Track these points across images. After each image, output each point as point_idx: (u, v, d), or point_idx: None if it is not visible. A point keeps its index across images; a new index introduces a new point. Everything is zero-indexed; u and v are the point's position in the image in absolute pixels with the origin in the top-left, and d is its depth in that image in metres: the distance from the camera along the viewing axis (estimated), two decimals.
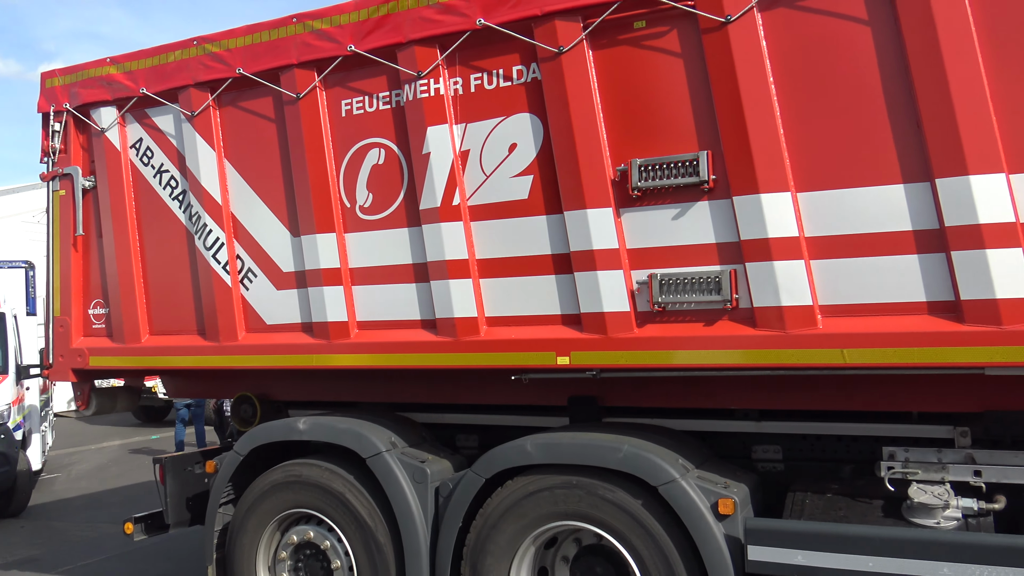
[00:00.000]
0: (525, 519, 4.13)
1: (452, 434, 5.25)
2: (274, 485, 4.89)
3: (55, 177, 5.76)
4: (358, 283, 4.72)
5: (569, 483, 4.03)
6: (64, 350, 5.76)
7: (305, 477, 4.79)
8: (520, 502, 4.12)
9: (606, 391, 4.59)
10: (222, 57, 5.01)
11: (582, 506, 4.00)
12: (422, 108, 4.42)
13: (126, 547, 8.10)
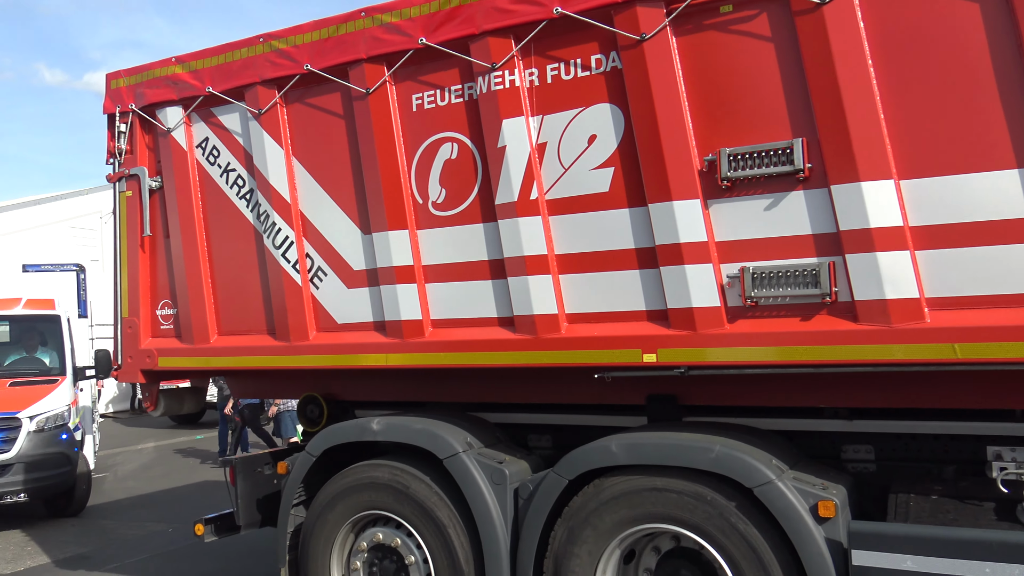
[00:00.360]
0: (611, 522, 4.00)
1: (523, 434, 5.14)
2: (348, 487, 4.82)
3: (122, 178, 5.76)
4: (432, 280, 4.63)
5: (656, 485, 3.90)
6: (133, 351, 5.76)
7: (379, 479, 4.72)
8: (607, 504, 4.00)
9: (686, 389, 4.45)
10: (289, 54, 4.95)
11: (671, 509, 3.87)
12: (497, 101, 4.31)
13: (171, 546, 8.30)
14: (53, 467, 9.27)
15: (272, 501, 5.51)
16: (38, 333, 10.72)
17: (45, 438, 9.25)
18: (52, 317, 10.58)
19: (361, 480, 4.78)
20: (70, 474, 9.50)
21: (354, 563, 4.88)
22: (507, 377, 4.79)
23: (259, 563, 7.39)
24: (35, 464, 9.08)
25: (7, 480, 8.94)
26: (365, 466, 4.84)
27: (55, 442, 9.36)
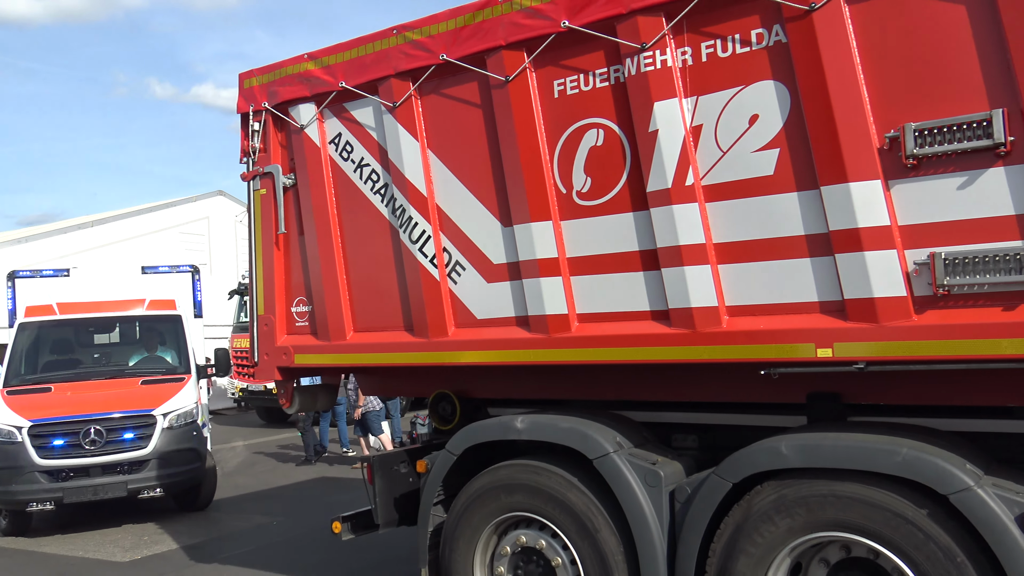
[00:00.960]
0: (784, 529, 3.73)
1: (666, 434, 4.90)
2: (491, 487, 4.69)
3: (256, 176, 5.79)
4: (578, 273, 4.44)
5: (836, 491, 3.61)
6: (269, 348, 5.79)
7: (525, 479, 4.57)
8: (778, 510, 3.73)
9: (854, 387, 4.13)
10: (424, 44, 4.85)
11: (852, 516, 3.57)
12: (647, 82, 4.09)
13: (276, 538, 8.52)
14: (185, 463, 9.53)
15: (409, 499, 5.45)
16: (159, 333, 11.06)
17: (177, 435, 9.51)
18: (174, 317, 10.88)
19: (505, 481, 4.64)
20: (200, 470, 9.78)
21: (498, 567, 4.75)
22: (654, 374, 4.57)
23: (359, 555, 7.46)
24: (169, 460, 9.35)
25: (144, 475, 9.23)
26: (509, 466, 4.70)
27: (187, 438, 9.62)
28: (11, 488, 8.96)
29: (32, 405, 9.39)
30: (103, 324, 10.98)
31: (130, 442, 9.27)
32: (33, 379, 10.07)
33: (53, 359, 10.61)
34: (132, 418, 9.34)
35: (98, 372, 10.46)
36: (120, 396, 9.67)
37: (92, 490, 9.05)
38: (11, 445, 9.04)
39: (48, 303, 10.51)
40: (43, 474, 8.98)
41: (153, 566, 7.84)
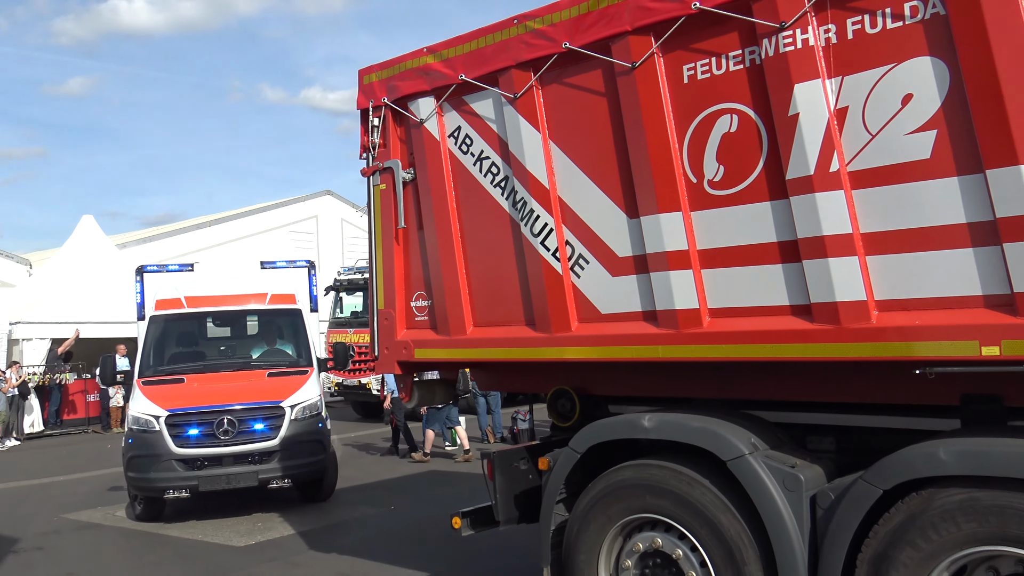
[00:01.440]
0: (945, 541, 3.45)
1: (800, 435, 4.64)
2: (617, 487, 4.55)
3: (375, 172, 5.83)
4: (709, 266, 4.25)
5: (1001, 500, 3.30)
6: (389, 342, 5.82)
7: (653, 479, 4.40)
8: (938, 520, 3.45)
9: (1014, 389, 3.78)
10: (546, 33, 4.74)
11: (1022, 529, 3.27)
12: (787, 63, 3.85)
13: (382, 527, 8.71)
14: (311, 454, 9.64)
15: (529, 497, 5.37)
16: (280, 326, 11.25)
17: (304, 426, 9.63)
18: (295, 311, 11.05)
19: (632, 481, 4.49)
20: (324, 461, 9.90)
21: (624, 568, 4.61)
22: (791, 372, 4.33)
23: (456, 548, 7.46)
24: (296, 451, 9.48)
25: (273, 466, 9.39)
26: (636, 466, 4.55)
27: (313, 430, 9.72)
28: (149, 475, 9.24)
29: (167, 395, 9.64)
30: (228, 317, 11.22)
31: (260, 433, 9.46)
32: (166, 370, 10.33)
33: (182, 351, 10.90)
34: (262, 409, 9.53)
35: (226, 364, 10.67)
36: (250, 388, 9.85)
37: (226, 479, 9.27)
38: (149, 434, 9.31)
39: (176, 297, 10.77)
40: (179, 462, 9.24)
41: (267, 551, 8.08)
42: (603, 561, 4.68)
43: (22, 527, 9.59)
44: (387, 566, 7.36)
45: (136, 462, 9.39)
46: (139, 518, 9.67)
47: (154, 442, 9.27)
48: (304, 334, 10.93)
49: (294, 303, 11.12)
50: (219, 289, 11.13)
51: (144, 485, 9.37)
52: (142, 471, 9.30)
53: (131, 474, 9.48)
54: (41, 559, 8.22)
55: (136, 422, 9.54)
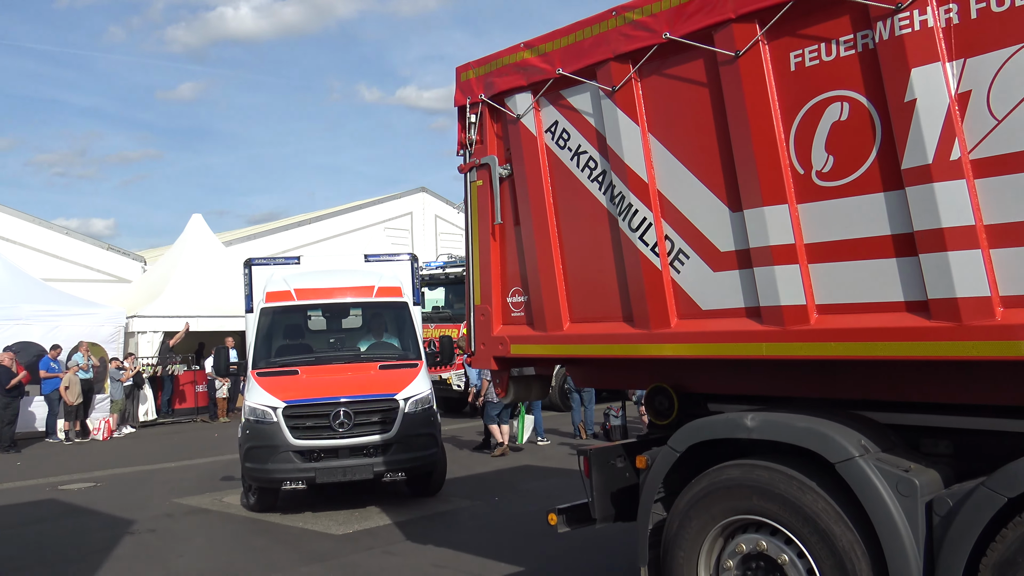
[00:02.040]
0: None
1: (913, 438, 4.42)
2: (722, 486, 4.43)
3: (472, 168, 5.86)
4: (817, 260, 4.09)
5: None
6: (486, 338, 5.84)
7: (761, 481, 4.27)
8: None
9: None
10: (645, 24, 4.66)
11: None
12: (903, 47, 3.66)
13: (479, 521, 8.81)
14: (424, 447, 9.62)
15: (626, 495, 5.30)
16: (386, 319, 11.15)
17: (417, 420, 9.61)
18: (401, 304, 10.94)
19: (736, 482, 4.37)
20: (436, 455, 9.85)
21: (724, 568, 4.49)
22: (904, 371, 4.12)
23: (551, 543, 7.39)
24: (410, 444, 9.47)
25: (388, 459, 9.36)
26: (738, 466, 4.43)
27: (426, 423, 9.70)
28: (267, 467, 9.27)
29: (283, 387, 9.63)
30: (337, 309, 11.16)
31: (376, 425, 9.45)
32: (279, 362, 10.33)
33: (293, 343, 10.90)
34: (378, 402, 9.51)
35: (337, 356, 10.62)
36: (363, 380, 9.84)
37: (342, 471, 9.25)
38: (267, 425, 9.35)
39: (286, 289, 10.70)
40: (296, 454, 9.25)
41: (363, 541, 8.27)
42: (703, 560, 4.57)
43: (138, 510, 10.10)
44: (481, 559, 7.42)
45: (253, 453, 9.44)
46: (252, 508, 9.81)
47: (271, 433, 9.31)
48: (411, 327, 10.88)
49: (400, 296, 10.99)
50: (326, 282, 11.03)
51: (261, 476, 9.41)
52: (259, 462, 9.34)
53: (248, 464, 9.52)
54: (154, 541, 8.64)
55: (253, 413, 9.55)
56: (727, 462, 4.50)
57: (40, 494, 11.41)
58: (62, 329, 17.69)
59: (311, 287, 10.84)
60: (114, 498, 10.92)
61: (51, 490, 11.68)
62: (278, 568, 7.50)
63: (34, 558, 8.02)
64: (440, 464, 10.09)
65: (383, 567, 7.39)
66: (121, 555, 8.09)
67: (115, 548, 8.32)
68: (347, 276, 11.20)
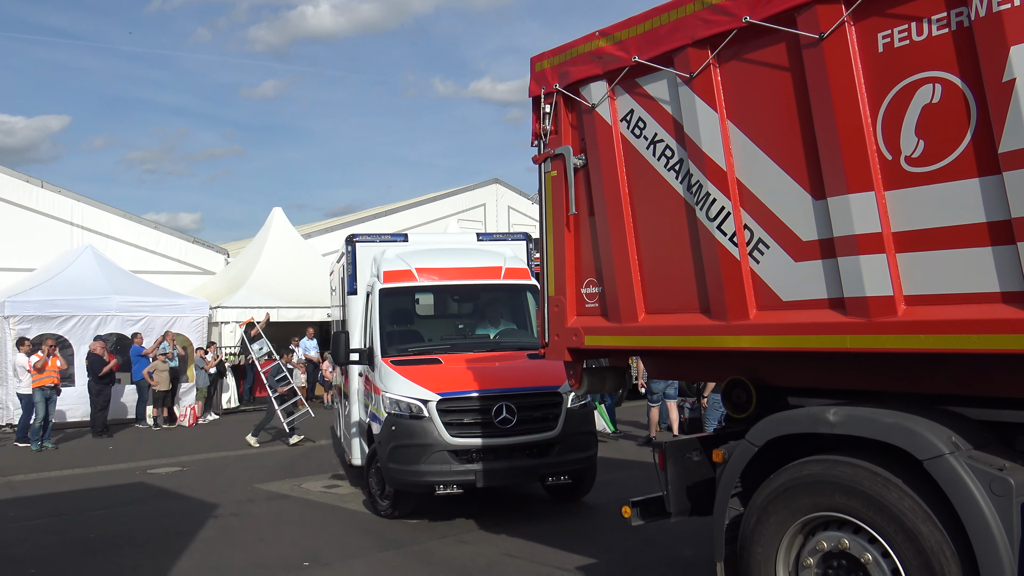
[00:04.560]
0: None
1: (1009, 435, 4.21)
2: (803, 482, 4.31)
3: (547, 159, 5.83)
4: (905, 249, 3.93)
5: None
6: (560, 329, 5.82)
7: (844, 477, 4.13)
8: None
9: None
10: (724, 8, 4.55)
11: None
12: (1001, 23, 3.48)
13: (551, 511, 8.59)
14: (587, 447, 8.61)
15: (702, 489, 5.21)
16: (515, 303, 9.99)
17: (579, 416, 8.57)
18: (531, 287, 9.69)
19: (820, 477, 4.24)
20: (596, 455, 8.83)
21: (804, 568, 4.37)
22: (1001, 365, 3.92)
23: (626, 535, 7.31)
24: (574, 443, 8.46)
25: (552, 460, 8.33)
26: (820, 462, 4.30)
27: (587, 420, 8.76)
28: (419, 468, 8.12)
29: (431, 377, 8.47)
30: (465, 292, 10.02)
31: (540, 422, 8.32)
32: (416, 349, 9.24)
33: (419, 328, 9.92)
34: (541, 395, 8.36)
35: (477, 344, 9.51)
36: (519, 371, 8.66)
37: (505, 473, 8.24)
38: (417, 420, 8.21)
39: (407, 268, 9.57)
40: (452, 454, 8.15)
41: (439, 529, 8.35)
42: (782, 556, 4.47)
43: (221, 494, 10.44)
44: (554, 550, 7.42)
45: (401, 453, 8.23)
46: (382, 514, 8.86)
47: (423, 430, 8.14)
48: (529, 314, 9.75)
49: (528, 278, 9.77)
50: (450, 261, 9.85)
51: (411, 479, 8.25)
52: (409, 463, 8.17)
53: (394, 466, 8.29)
54: (237, 525, 8.92)
55: (397, 407, 8.37)
56: (808, 457, 4.38)
57: (130, 477, 11.91)
58: (149, 320, 18.40)
59: (434, 267, 9.69)
60: (199, 482, 11.31)
61: (140, 474, 12.18)
62: (356, 554, 7.65)
63: (125, 539, 8.37)
64: (595, 466, 8.95)
65: (456, 555, 7.46)
66: (206, 537, 8.38)
67: (200, 531, 8.62)
68: (469, 256, 10.05)
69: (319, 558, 7.53)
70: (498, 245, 10.64)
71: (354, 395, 10.34)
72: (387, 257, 9.81)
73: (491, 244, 10.69)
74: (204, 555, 7.74)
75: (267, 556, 7.67)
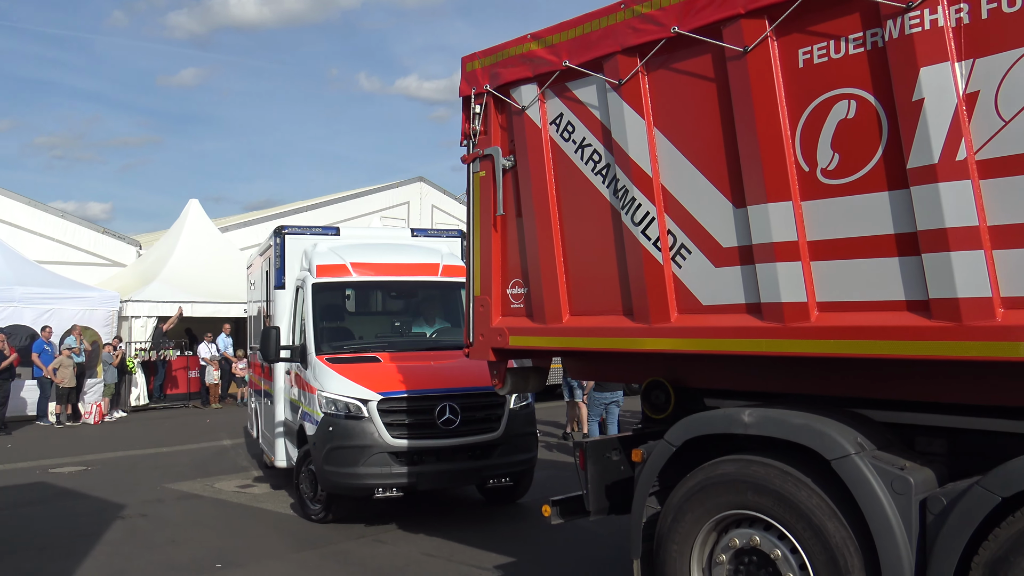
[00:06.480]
0: None
1: (909, 436, 4.43)
2: (717, 481, 4.45)
3: (476, 159, 5.85)
4: (819, 258, 4.10)
5: None
6: (484, 329, 5.85)
7: (756, 476, 4.28)
8: None
9: None
10: (654, 18, 4.66)
11: None
12: (912, 46, 3.67)
13: (473, 510, 8.52)
14: (528, 449, 8.51)
15: (621, 488, 5.32)
16: (452, 301, 9.75)
17: (522, 417, 8.50)
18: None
19: (734, 476, 4.38)
20: (536, 457, 8.73)
21: (717, 565, 4.51)
22: (902, 370, 4.13)
23: (523, 534, 7.38)
24: (516, 445, 8.34)
25: (494, 462, 8.19)
26: (734, 461, 4.44)
27: (529, 421, 8.64)
28: (357, 470, 7.89)
29: (370, 376, 8.24)
30: (402, 289, 9.78)
31: (483, 423, 8.20)
32: (352, 347, 8.97)
33: (353, 325, 9.60)
34: (485, 396, 8.14)
35: (415, 342, 9.38)
36: (460, 370, 8.32)
37: (448, 476, 8.13)
38: (355, 421, 7.98)
39: (341, 263, 9.28)
40: (393, 456, 7.92)
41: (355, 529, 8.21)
42: (696, 554, 4.59)
43: (129, 494, 10.08)
44: (473, 549, 7.43)
45: (338, 455, 7.97)
46: (314, 518, 8.57)
47: (363, 431, 7.91)
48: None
49: (465, 276, 9.54)
50: (387, 257, 9.63)
51: (349, 482, 7.99)
52: (346, 465, 7.92)
53: (330, 468, 8.02)
54: (145, 526, 8.62)
55: (334, 406, 8.11)
56: (723, 457, 4.52)
57: (30, 477, 11.38)
58: (56, 312, 17.63)
59: (371, 262, 9.47)
60: (104, 482, 10.90)
61: (41, 473, 11.66)
62: (271, 555, 7.50)
63: (23, 541, 8.00)
64: (534, 468, 8.88)
65: (374, 555, 7.40)
66: (113, 539, 8.08)
67: (106, 532, 8.31)
68: (406, 252, 9.87)
69: (233, 559, 7.35)
70: (434, 242, 10.50)
71: (279, 394, 10.06)
72: (320, 251, 9.52)
73: (427, 240, 10.52)
74: (110, 557, 7.47)
75: (177, 558, 7.45)
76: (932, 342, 3.69)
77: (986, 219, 3.54)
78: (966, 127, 3.56)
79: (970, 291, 3.56)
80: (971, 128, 3.56)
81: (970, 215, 3.55)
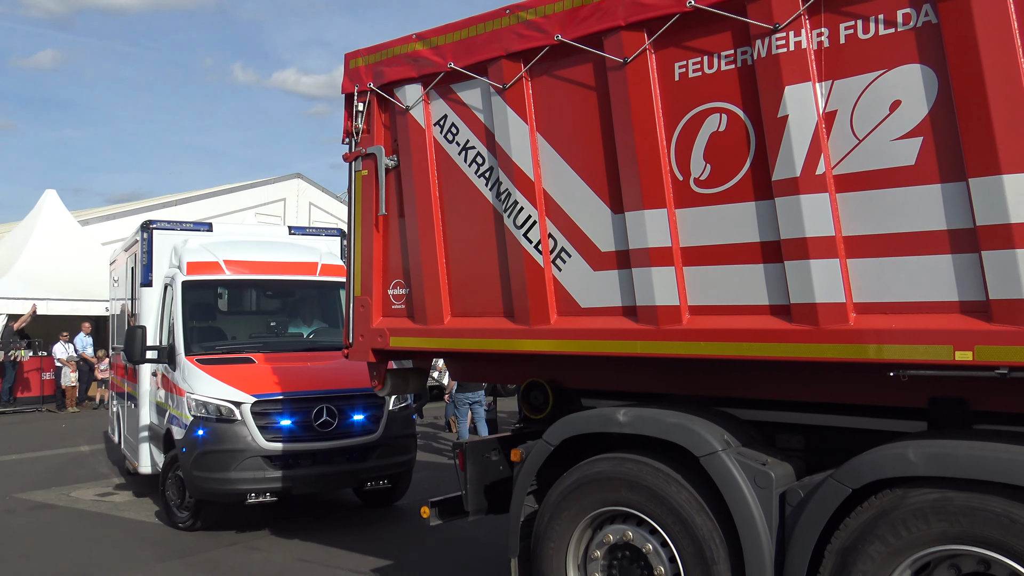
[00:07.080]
0: (903, 539, 3.52)
1: (770, 433, 4.71)
2: (592, 479, 4.57)
3: (358, 157, 5.78)
4: (691, 263, 4.28)
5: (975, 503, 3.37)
6: (364, 330, 5.78)
7: (630, 474, 4.43)
8: (905, 519, 3.52)
9: (985, 393, 3.87)
10: (538, 24, 4.74)
11: (989, 530, 3.34)
12: (778, 65, 3.90)
13: (350, 514, 8.43)
14: (406, 451, 8.48)
15: (500, 488, 5.37)
16: (330, 301, 9.57)
17: (400, 419, 8.46)
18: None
19: (608, 474, 4.52)
20: (414, 459, 8.74)
21: (592, 560, 4.63)
22: (765, 370, 4.38)
23: (400, 536, 7.41)
24: (395, 447, 8.31)
25: (373, 464, 8.13)
26: (608, 460, 4.58)
27: (408, 423, 8.61)
28: (229, 475, 7.65)
29: (243, 378, 8.04)
30: (278, 288, 9.56)
31: (362, 425, 8.11)
32: (225, 348, 8.74)
33: (226, 325, 9.35)
34: (363, 397, 8.07)
35: (291, 343, 9.24)
36: (338, 372, 8.21)
37: (325, 480, 8.03)
38: (227, 424, 7.76)
39: (214, 260, 9.03)
40: (267, 460, 7.72)
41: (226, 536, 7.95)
42: (572, 550, 4.70)
43: None
44: (349, 552, 7.33)
45: (208, 459, 7.72)
46: (180, 526, 8.23)
47: (235, 435, 7.69)
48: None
49: (345, 275, 9.26)
50: (262, 255, 9.38)
51: (219, 488, 7.73)
52: (217, 470, 7.67)
53: (200, 474, 7.75)
54: None
55: (204, 409, 7.87)
56: (599, 455, 4.65)
57: None
58: None
59: (245, 259, 9.21)
60: None
61: None
62: (134, 565, 7.14)
63: None
64: (412, 470, 8.90)
65: (246, 562, 7.17)
66: None
67: None
68: (283, 250, 9.64)
69: (90, 572, 6.96)
70: (312, 240, 10.32)
71: (144, 396, 9.64)
72: (191, 247, 9.22)
73: (305, 239, 10.33)
74: None
75: (31, 571, 6.98)
76: (793, 344, 3.92)
77: (841, 230, 3.80)
78: (825, 144, 3.81)
79: (826, 297, 3.81)
80: (829, 145, 3.81)
81: (827, 226, 3.80)
